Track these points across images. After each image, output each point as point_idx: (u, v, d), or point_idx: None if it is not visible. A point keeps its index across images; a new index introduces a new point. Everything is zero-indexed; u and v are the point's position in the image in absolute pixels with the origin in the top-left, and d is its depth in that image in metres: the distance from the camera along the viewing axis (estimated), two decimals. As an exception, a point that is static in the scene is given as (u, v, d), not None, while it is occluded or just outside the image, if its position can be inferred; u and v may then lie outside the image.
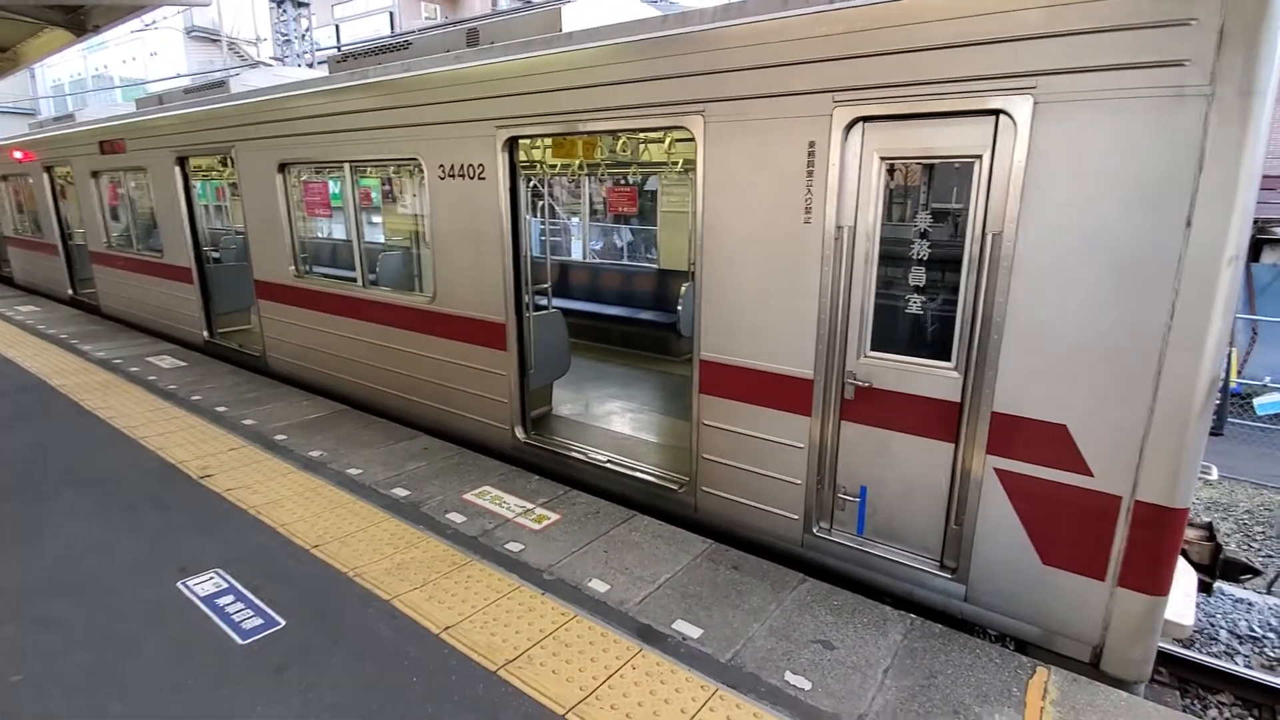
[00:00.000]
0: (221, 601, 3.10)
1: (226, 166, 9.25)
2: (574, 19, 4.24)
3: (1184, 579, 3.43)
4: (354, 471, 4.56)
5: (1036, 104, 2.61)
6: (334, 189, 6.63)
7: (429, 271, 5.20)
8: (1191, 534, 3.79)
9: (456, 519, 3.92)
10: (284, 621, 2.96)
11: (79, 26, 10.75)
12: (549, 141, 6.88)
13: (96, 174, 9.19)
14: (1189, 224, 2.41)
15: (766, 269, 3.42)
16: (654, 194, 8.68)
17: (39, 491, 4.22)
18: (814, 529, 3.54)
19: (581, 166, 7.71)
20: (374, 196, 9.12)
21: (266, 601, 3.10)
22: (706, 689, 2.59)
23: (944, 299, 3.08)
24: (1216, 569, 3.72)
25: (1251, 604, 5.24)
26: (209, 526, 3.78)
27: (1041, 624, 2.97)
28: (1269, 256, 5.15)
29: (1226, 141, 2.32)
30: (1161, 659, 4.28)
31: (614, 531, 3.78)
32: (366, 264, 5.90)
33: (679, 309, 7.37)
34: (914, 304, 3.14)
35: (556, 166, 7.77)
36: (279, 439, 5.12)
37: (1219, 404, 8.85)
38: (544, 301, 6.00)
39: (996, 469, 2.94)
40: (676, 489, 4.10)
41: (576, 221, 11.29)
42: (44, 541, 3.63)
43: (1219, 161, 2.34)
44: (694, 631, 2.94)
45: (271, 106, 6.07)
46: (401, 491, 4.27)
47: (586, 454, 4.64)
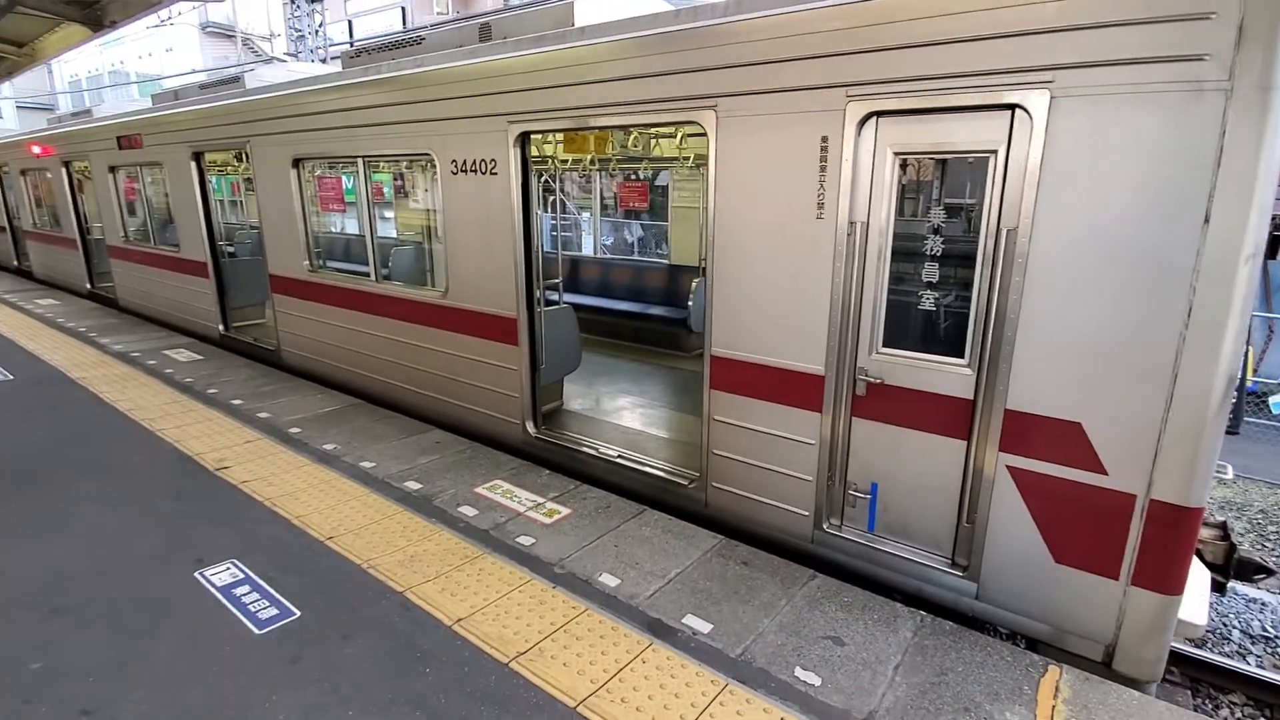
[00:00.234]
0: (238, 592, 3.15)
1: (241, 162, 9.33)
2: (586, 13, 4.24)
3: (1197, 578, 3.41)
4: (367, 465, 4.60)
5: (1053, 98, 2.59)
6: (347, 184, 6.68)
7: (441, 266, 5.23)
8: (1205, 533, 3.76)
9: (468, 512, 3.95)
10: (299, 612, 3.00)
11: (96, 22, 10.86)
12: (560, 136, 6.89)
13: (114, 169, 9.29)
14: (1206, 220, 2.38)
15: (778, 265, 3.42)
16: (665, 189, 8.68)
17: (60, 481, 4.29)
18: (824, 525, 3.54)
19: (593, 161, 7.71)
20: (386, 192, 9.17)
21: (282, 592, 3.14)
22: (716, 684, 2.60)
23: (957, 295, 3.07)
24: (1230, 568, 3.68)
25: (1265, 604, 5.19)
26: (225, 518, 3.84)
27: (1053, 622, 2.96)
28: (1288, 253, 5.07)
29: (1245, 137, 2.29)
30: (1173, 658, 4.25)
31: (624, 526, 3.80)
32: (379, 259, 5.94)
33: (690, 304, 7.37)
34: (927, 300, 3.13)
35: (568, 161, 7.78)
36: (294, 432, 5.18)
37: (1235, 402, 8.75)
38: (555, 297, 6.02)
39: (1009, 466, 2.93)
40: (687, 484, 4.11)
41: (587, 217, 11.29)
42: (64, 530, 3.70)
43: (1237, 157, 2.31)
44: (704, 626, 2.95)
45: (286, 102, 6.11)
46: (414, 485, 4.31)
47: (597, 449, 4.66)
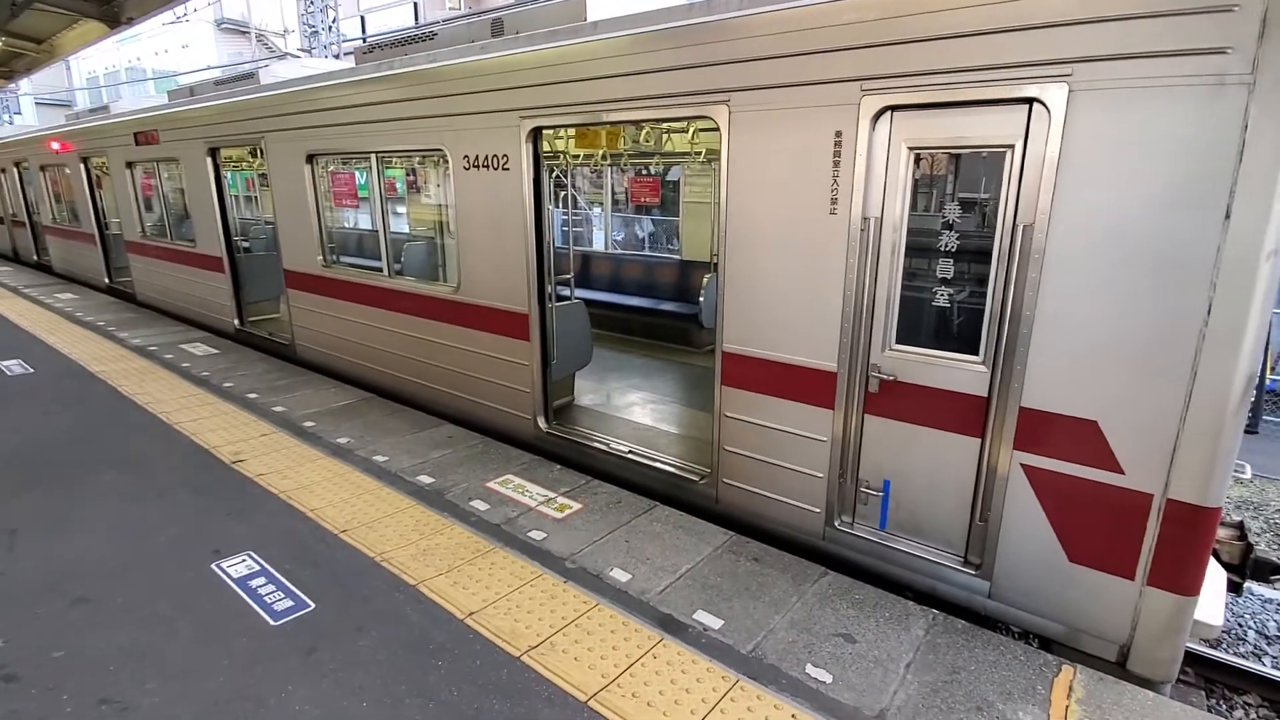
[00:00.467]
0: (254, 583, 3.19)
1: (256, 157, 9.40)
2: (599, 8, 4.23)
3: (1214, 578, 3.37)
4: (380, 458, 4.64)
5: (1072, 92, 2.55)
6: (361, 180, 6.71)
7: (453, 262, 5.25)
8: (1222, 533, 3.72)
9: (480, 506, 3.97)
10: (314, 604, 3.03)
11: (113, 19, 10.98)
12: (572, 132, 6.88)
13: (131, 165, 9.39)
14: (1228, 216, 2.34)
15: (791, 260, 3.40)
16: (676, 184, 8.65)
17: (81, 473, 4.36)
18: (836, 522, 3.53)
19: (604, 157, 7.70)
20: (399, 187, 9.21)
21: (297, 584, 3.18)
22: (727, 680, 2.61)
23: (971, 292, 3.04)
24: (1247, 569, 3.64)
25: (1283, 605, 5.12)
26: (241, 510, 3.89)
27: (1067, 622, 2.94)
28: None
29: (1267, 132, 2.24)
30: (1187, 659, 4.21)
31: (635, 521, 3.81)
32: (392, 254, 5.97)
33: (701, 300, 7.36)
34: (941, 297, 3.10)
35: (579, 157, 7.77)
36: (308, 426, 5.23)
37: (1254, 401, 8.61)
38: (566, 292, 6.03)
39: (1023, 465, 2.91)
40: (697, 480, 4.11)
41: (598, 212, 11.28)
42: (86, 521, 3.76)
43: (1259, 152, 2.27)
44: (715, 622, 2.95)
45: (300, 98, 6.15)
46: (426, 479, 4.34)
47: (608, 444, 4.66)
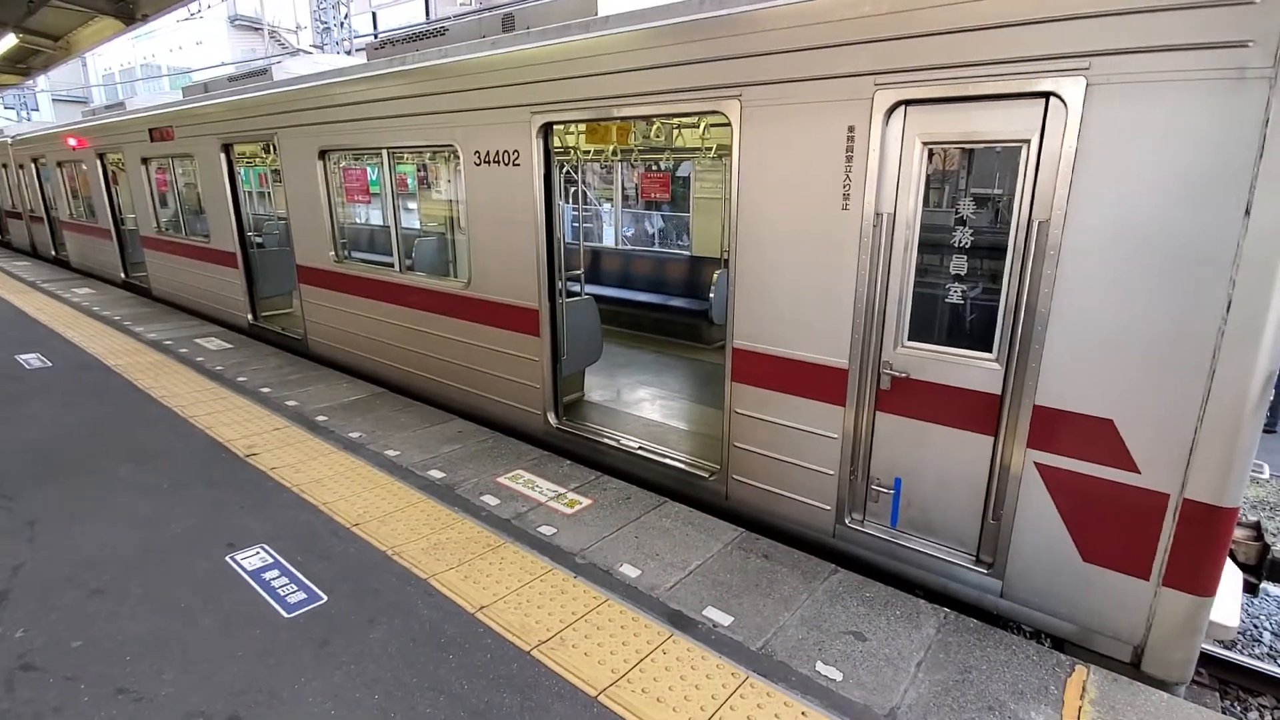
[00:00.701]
0: (268, 576, 3.22)
1: (269, 153, 9.46)
2: (610, 2, 4.21)
3: (1230, 579, 3.33)
4: (392, 453, 4.67)
5: (1089, 86, 2.52)
6: (372, 175, 6.74)
7: (464, 257, 5.27)
8: (1239, 533, 3.67)
9: (490, 501, 3.99)
10: (326, 597, 3.06)
11: (128, 15, 11.07)
12: (582, 127, 6.87)
13: (146, 161, 9.48)
14: (1247, 212, 2.31)
15: (803, 256, 3.38)
16: (686, 180, 8.62)
17: (99, 466, 4.42)
18: (846, 520, 3.51)
19: (615, 152, 7.69)
20: (410, 183, 9.24)
21: (310, 577, 3.21)
22: (737, 676, 2.61)
23: (985, 288, 3.01)
24: (1263, 569, 3.59)
25: (1302, 607, 5.05)
26: (255, 503, 3.92)
27: (1080, 622, 2.91)
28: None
29: None
30: (1201, 660, 4.16)
31: (645, 517, 3.81)
32: (403, 249, 6.00)
33: (711, 296, 7.34)
34: (954, 293, 3.08)
35: (590, 152, 7.76)
36: (320, 420, 5.27)
37: (1272, 400, 8.48)
38: (576, 288, 6.04)
39: (1037, 463, 2.88)
40: (707, 477, 4.11)
41: (608, 207, 11.27)
42: (103, 514, 3.81)
43: None
44: (725, 619, 2.95)
45: (312, 94, 6.18)
46: (437, 473, 4.36)
47: (618, 440, 4.67)
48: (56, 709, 2.42)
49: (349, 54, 13.87)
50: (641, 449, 4.54)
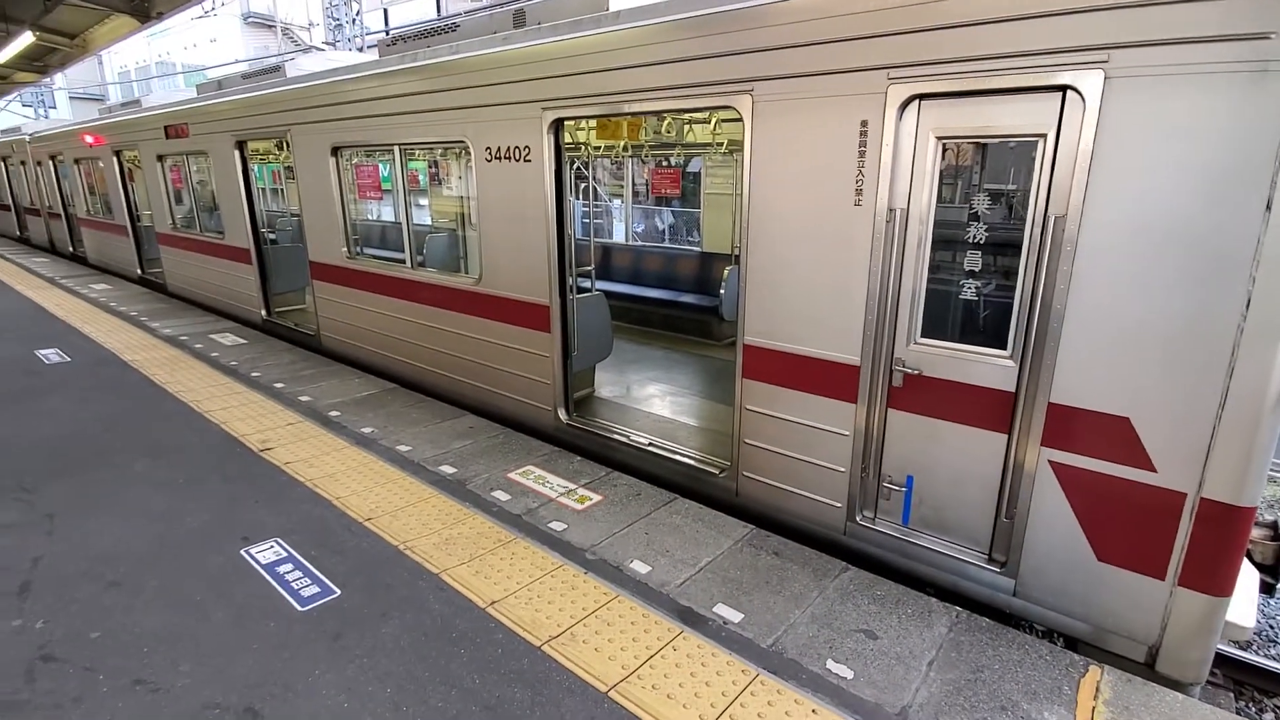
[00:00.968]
0: (282, 569, 3.25)
1: (282, 150, 9.51)
2: (621, -3, 4.20)
3: (1246, 579, 3.29)
4: (404, 448, 4.70)
5: (1108, 79, 2.48)
6: (384, 172, 6.77)
7: (475, 253, 5.28)
8: (1256, 533, 3.62)
9: (501, 497, 4.01)
10: (339, 591, 3.09)
11: (142, 13, 11.18)
12: (593, 123, 6.87)
13: (162, 158, 9.58)
14: (1269, 208, 2.27)
15: (814, 252, 3.36)
16: (697, 175, 8.60)
17: (117, 460, 4.48)
18: (857, 517, 3.50)
19: (625, 148, 7.67)
20: (422, 179, 9.28)
21: (323, 571, 3.24)
22: (747, 673, 2.61)
23: (999, 284, 2.98)
24: (1280, 569, 3.55)
25: (1321, 608, 4.98)
26: (269, 498, 3.96)
27: (1094, 622, 2.89)
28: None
29: None
30: (1216, 660, 4.11)
31: (655, 514, 3.82)
32: (414, 246, 6.02)
33: (721, 292, 7.32)
34: (968, 290, 3.05)
35: (600, 148, 7.75)
36: (333, 415, 5.31)
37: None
38: (587, 284, 6.04)
39: (1051, 461, 2.85)
40: (717, 473, 4.10)
41: (618, 204, 11.26)
42: (120, 508, 3.86)
43: None
44: (735, 616, 2.95)
45: (324, 91, 6.21)
46: (449, 469, 4.38)
47: (628, 436, 4.67)
48: (76, 699, 2.46)
49: (361, 51, 13.92)
50: (652, 445, 4.54)
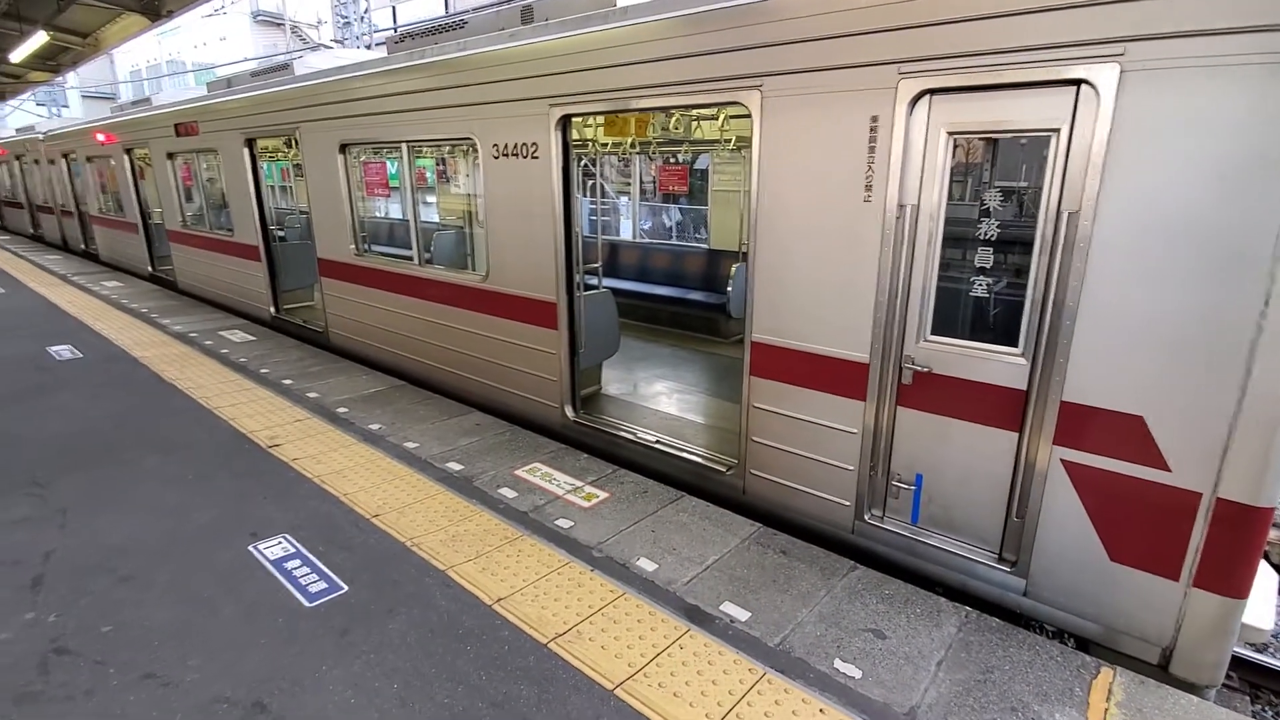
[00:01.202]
0: (289, 565, 3.26)
1: (291, 148, 9.54)
2: (628, -8, 4.18)
3: (1263, 580, 3.24)
4: (411, 445, 4.70)
5: (1123, 73, 2.44)
6: (392, 169, 6.78)
7: (482, 250, 5.28)
8: (1273, 534, 3.57)
9: (508, 494, 4.01)
10: (346, 586, 3.09)
11: (153, 12, 11.25)
12: (600, 120, 6.85)
13: (172, 155, 9.63)
14: (1290, 203, 2.23)
15: (823, 249, 3.34)
16: (705, 172, 8.57)
17: (126, 457, 4.51)
18: (866, 516, 3.47)
19: (633, 144, 7.65)
20: (429, 177, 9.29)
21: (330, 567, 3.24)
22: (754, 672, 2.59)
23: (1011, 281, 2.95)
24: (1300, 571, 3.50)
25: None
26: (278, 494, 3.98)
27: (1106, 623, 2.86)
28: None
29: None
30: (1231, 662, 4.06)
31: (662, 511, 3.80)
32: (422, 243, 6.03)
33: (729, 290, 7.29)
34: (979, 287, 3.02)
35: (608, 145, 7.73)
36: (341, 412, 5.32)
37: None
38: (594, 281, 6.03)
39: (1063, 460, 2.82)
40: (725, 471, 4.09)
41: (626, 201, 11.25)
42: (130, 503, 3.89)
43: None
44: (742, 614, 2.94)
45: (333, 88, 6.22)
46: (455, 466, 4.39)
47: (635, 434, 4.66)
48: (88, 692, 2.47)
49: (369, 48, 13.95)
50: (659, 443, 4.53)
